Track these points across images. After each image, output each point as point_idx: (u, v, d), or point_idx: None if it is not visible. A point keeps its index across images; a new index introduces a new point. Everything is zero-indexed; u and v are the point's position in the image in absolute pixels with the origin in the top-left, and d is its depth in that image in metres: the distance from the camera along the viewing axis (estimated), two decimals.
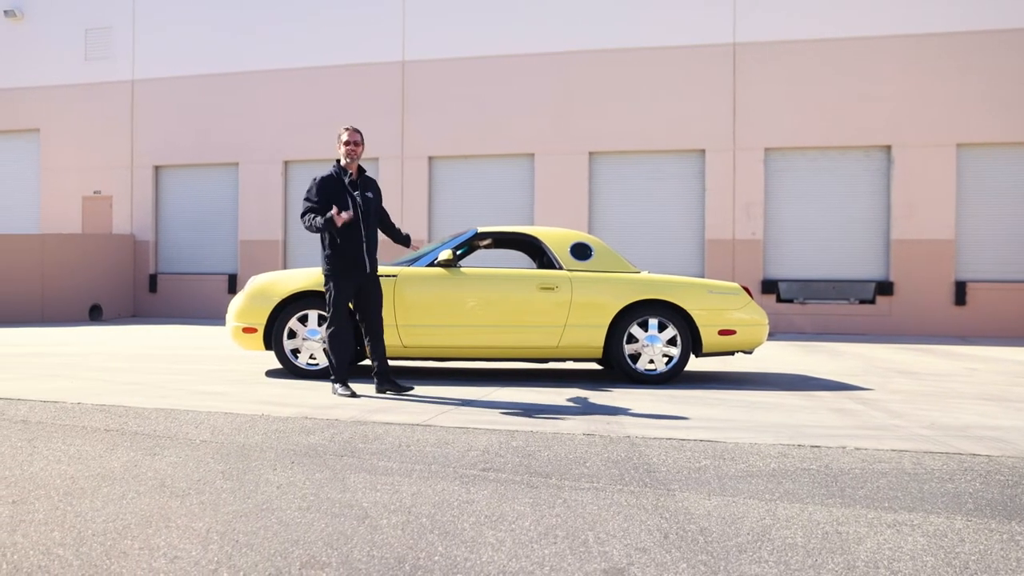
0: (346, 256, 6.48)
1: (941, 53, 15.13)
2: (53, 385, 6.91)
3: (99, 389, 6.73)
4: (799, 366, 9.56)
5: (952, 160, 15.16)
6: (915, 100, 15.23)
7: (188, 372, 8.04)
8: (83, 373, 7.84)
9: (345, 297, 6.54)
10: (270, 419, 5.44)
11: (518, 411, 5.98)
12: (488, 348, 7.67)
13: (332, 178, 6.57)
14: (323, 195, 6.47)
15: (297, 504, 3.59)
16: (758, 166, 15.65)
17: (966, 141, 15.17)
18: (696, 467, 4.35)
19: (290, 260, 17.24)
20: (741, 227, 15.63)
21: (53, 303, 15.88)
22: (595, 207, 16.17)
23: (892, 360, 10.50)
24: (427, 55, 16.70)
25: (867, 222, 15.61)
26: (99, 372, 7.94)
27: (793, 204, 15.74)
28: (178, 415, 5.54)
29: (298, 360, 7.58)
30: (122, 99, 18.02)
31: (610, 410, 6.10)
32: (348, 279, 6.50)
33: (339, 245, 6.45)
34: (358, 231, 6.50)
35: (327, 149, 17.01)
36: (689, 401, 6.63)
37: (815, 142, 15.58)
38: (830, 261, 15.60)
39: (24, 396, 6.24)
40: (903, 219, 15.28)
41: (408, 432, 5.10)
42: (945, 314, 15.15)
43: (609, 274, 7.80)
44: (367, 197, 6.58)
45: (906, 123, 15.24)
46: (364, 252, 6.55)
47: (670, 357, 7.70)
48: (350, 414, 5.67)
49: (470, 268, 7.81)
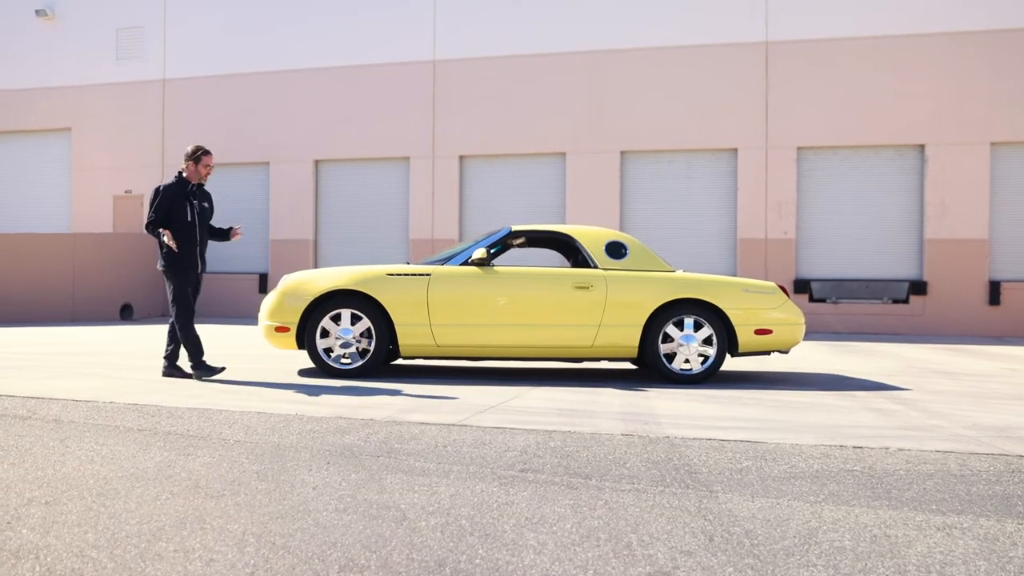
0: (184, 256, 7.33)
1: (975, 51, 14.87)
2: (86, 384, 6.91)
3: (132, 388, 6.72)
4: (834, 366, 9.40)
5: (986, 159, 14.90)
6: (949, 98, 14.97)
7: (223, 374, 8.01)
8: (116, 372, 7.84)
9: (186, 287, 7.38)
10: (304, 419, 5.38)
11: (554, 411, 5.89)
12: (522, 347, 7.59)
13: (174, 188, 7.39)
14: (165, 205, 7.30)
15: (334, 506, 3.53)
16: (790, 165, 15.45)
17: (1000, 140, 14.91)
18: (738, 468, 4.25)
19: (321, 259, 17.26)
20: (773, 226, 15.44)
21: (84, 302, 15.98)
22: (626, 206, 16.03)
23: (928, 360, 10.30)
24: (458, 54, 16.64)
25: (900, 221, 15.37)
26: (132, 371, 7.95)
27: (826, 203, 15.52)
28: (211, 415, 5.50)
29: (331, 359, 7.53)
30: (153, 99, 18.12)
31: (647, 410, 5.99)
32: (186, 274, 7.36)
33: (179, 244, 7.27)
34: (194, 236, 7.39)
35: (358, 148, 17.04)
36: (726, 401, 6.51)
37: (848, 141, 15.36)
38: (863, 260, 15.38)
39: (56, 395, 6.23)
40: (936, 218, 15.03)
41: (444, 432, 5.03)
42: (979, 314, 14.88)
43: (644, 273, 7.69)
44: (204, 207, 7.51)
45: (940, 122, 14.99)
46: (198, 254, 7.44)
47: (705, 357, 7.59)
48: (385, 414, 5.60)
49: (504, 267, 7.73)
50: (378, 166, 17.19)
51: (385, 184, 17.12)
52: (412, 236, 16.77)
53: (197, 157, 7.45)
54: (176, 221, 7.27)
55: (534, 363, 9.11)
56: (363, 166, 17.22)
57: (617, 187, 16.00)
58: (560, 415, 5.72)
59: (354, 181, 17.17)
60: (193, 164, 7.43)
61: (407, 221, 16.92)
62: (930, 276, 15.01)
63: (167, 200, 7.28)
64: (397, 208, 17.01)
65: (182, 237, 7.27)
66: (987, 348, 12.39)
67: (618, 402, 6.37)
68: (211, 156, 7.55)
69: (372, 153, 17.06)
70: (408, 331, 7.48)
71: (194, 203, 7.39)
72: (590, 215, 15.83)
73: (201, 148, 7.50)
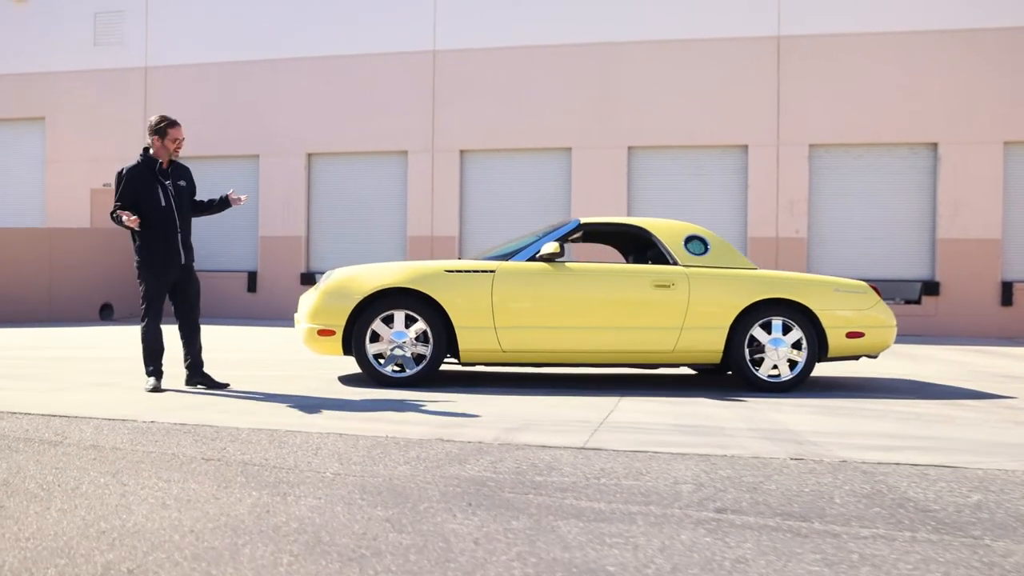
0: (160, 246, 6.04)
1: (988, 49, 14.27)
2: (107, 398, 5.79)
3: (164, 402, 5.62)
4: (888, 370, 8.56)
5: (999, 158, 14.33)
6: (962, 97, 14.35)
7: (249, 379, 6.91)
8: (132, 381, 6.71)
9: (161, 291, 6.13)
10: (400, 442, 4.36)
11: (673, 428, 4.93)
12: (596, 353, 6.63)
13: (140, 168, 6.06)
14: (131, 188, 5.98)
15: (520, 570, 2.56)
16: (802, 162, 14.71)
17: (1013, 139, 14.34)
18: (971, 503, 3.38)
19: (313, 257, 16.09)
20: (785, 225, 14.69)
21: (61, 301, 14.65)
22: (634, 203, 15.15)
23: (978, 364, 9.54)
24: (459, 44, 15.60)
25: (913, 221, 14.73)
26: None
27: (838, 202, 14.82)
28: (283, 438, 4.44)
29: (382, 366, 6.49)
30: (134, 87, 16.75)
31: (777, 425, 5.06)
32: (163, 271, 6.09)
33: (151, 234, 6.00)
34: (172, 222, 6.08)
35: (354, 141, 15.94)
36: (845, 413, 5.61)
37: (860, 138, 14.67)
38: (875, 260, 14.70)
39: (81, 412, 5.12)
40: (949, 218, 14.42)
41: (581, 459, 4.05)
42: (991, 314, 14.29)
43: (728, 270, 6.79)
44: (179, 186, 6.19)
45: (953, 120, 14.37)
46: (179, 242, 6.14)
47: (793, 362, 6.70)
48: (490, 434, 4.60)
49: (575, 263, 6.76)
50: (374, 160, 16.08)
51: (382, 179, 16.01)
52: (410, 233, 15.70)
53: (161, 130, 6.00)
54: (147, 207, 5.96)
55: (569, 369, 8.10)
56: (359, 160, 16.09)
57: (624, 184, 15.11)
58: (686, 432, 4.78)
59: (349, 176, 16.03)
60: (159, 139, 6.00)
61: (405, 218, 15.84)
62: (942, 276, 14.38)
63: (133, 183, 5.94)
64: (394, 204, 15.92)
65: (157, 225, 5.96)
66: (1017, 351, 11.72)
67: (731, 415, 5.44)
68: (180, 128, 6.05)
69: (368, 147, 15.95)
70: (470, 334, 6.48)
71: (167, 184, 6.05)
72: (597, 212, 14.92)
73: (166, 119, 6.04)
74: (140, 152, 6.18)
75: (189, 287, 6.28)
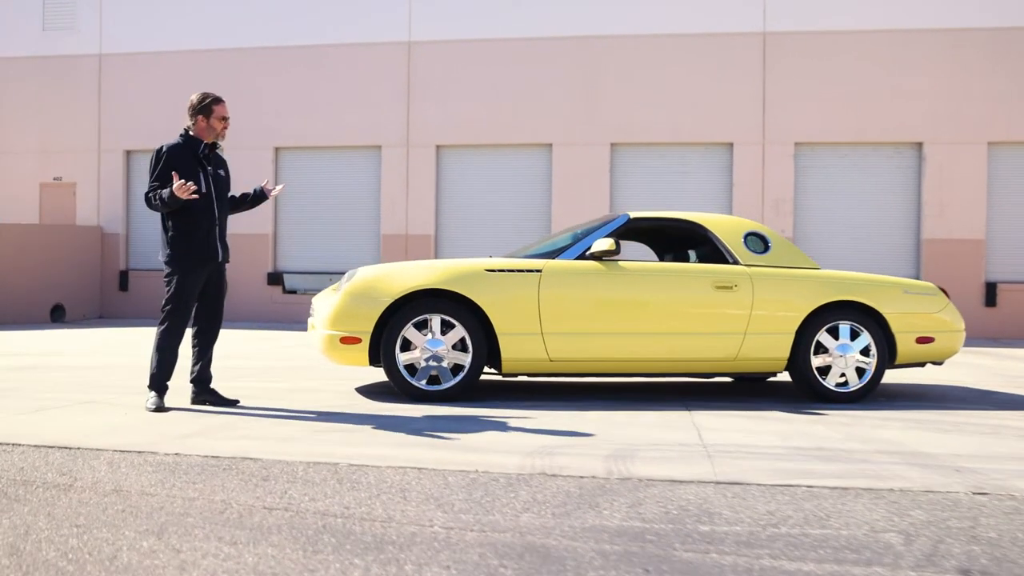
0: (196, 240, 5.14)
1: (974, 48, 13.90)
2: (102, 420, 4.79)
3: (176, 426, 4.65)
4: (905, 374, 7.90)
5: (983, 159, 13.97)
6: (948, 96, 13.96)
7: (255, 393, 5.95)
8: (118, 396, 5.70)
9: (193, 290, 5.17)
10: (498, 479, 3.50)
11: (793, 450, 4.15)
12: (653, 361, 5.85)
13: (181, 148, 5.19)
14: (169, 168, 5.06)
15: None
16: (788, 161, 14.17)
17: (997, 139, 14.00)
18: None
19: (281, 256, 14.98)
20: (770, 224, 14.10)
21: (9, 303, 13.32)
22: (617, 202, 14.41)
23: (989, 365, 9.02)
24: (436, 35, 14.66)
25: (897, 221, 14.30)
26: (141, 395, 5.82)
27: (823, 201, 14.29)
28: (351, 475, 3.55)
29: (415, 378, 5.61)
30: (87, 75, 15.38)
31: (896, 445, 4.33)
32: (199, 266, 5.17)
33: (189, 223, 5.11)
34: (211, 212, 5.21)
35: (324, 135, 14.92)
36: (947, 428, 4.92)
37: (845, 137, 14.17)
38: (860, 260, 14.20)
39: (82, 441, 4.13)
40: (934, 217, 14.01)
41: (731, 497, 3.25)
42: (975, 315, 13.89)
43: (792, 270, 6.08)
44: (219, 175, 5.36)
45: (939, 120, 13.97)
46: (217, 236, 5.26)
47: (860, 370, 6.02)
48: (599, 465, 3.76)
49: (629, 262, 5.97)
50: (346, 155, 15.03)
51: (354, 175, 14.97)
52: (384, 231, 14.71)
53: (206, 107, 5.16)
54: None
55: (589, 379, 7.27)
56: (329, 155, 15.02)
57: (607, 181, 14.37)
58: (811, 458, 4.01)
59: (319, 171, 14.94)
60: (203, 118, 5.16)
61: (378, 215, 14.83)
62: (927, 276, 13.96)
63: (172, 163, 5.04)
64: (367, 201, 14.90)
65: (196, 213, 5.08)
66: (1011, 351, 11.31)
67: (832, 432, 4.69)
68: (225, 104, 5.28)
69: (339, 141, 14.90)
70: (514, 342, 5.63)
71: (208, 169, 5.21)
72: (579, 211, 14.15)
73: (209, 95, 5.22)
74: (180, 133, 5.25)
75: (218, 291, 5.39)
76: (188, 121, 5.24)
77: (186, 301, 5.15)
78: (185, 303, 5.14)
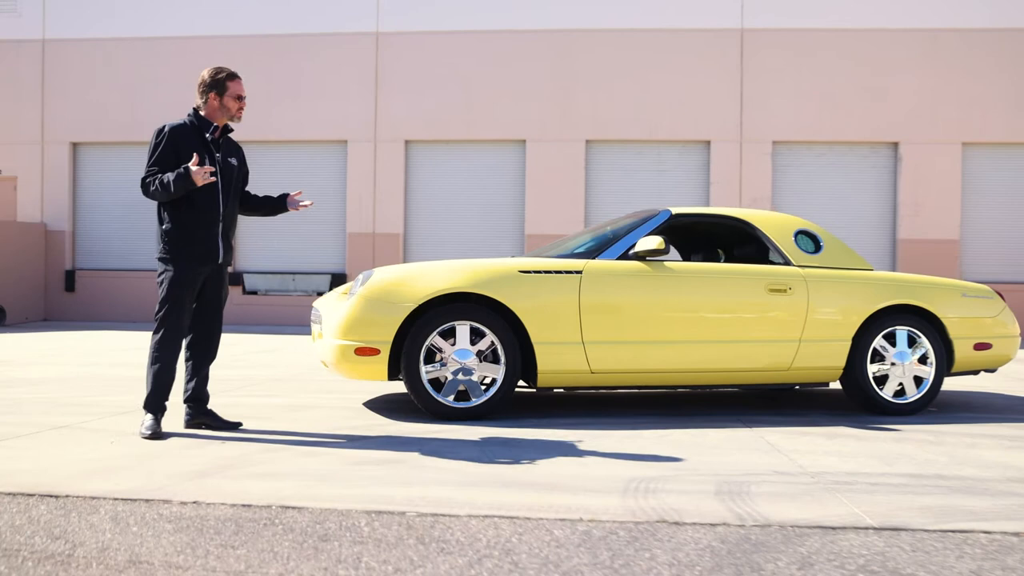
0: (195, 235, 4.35)
1: (952, 50, 13.65)
2: (87, 452, 3.94)
3: (182, 461, 3.83)
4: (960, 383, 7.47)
5: (958, 159, 13.75)
6: (925, 96, 13.69)
7: (255, 412, 5.14)
8: (95, 419, 4.84)
9: (185, 292, 4.35)
10: (615, 531, 2.79)
11: (913, 478, 3.53)
12: (705, 372, 5.21)
13: (187, 129, 4.39)
14: (171, 150, 4.30)
15: None
16: (765, 159, 13.74)
17: (972, 140, 13.79)
18: None
19: (241, 255, 13.97)
20: None
21: None
22: (591, 200, 13.81)
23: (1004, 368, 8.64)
24: (406, 26, 13.84)
25: (874, 221, 14.00)
26: (117, 416, 4.97)
27: (800, 200, 13.90)
28: (429, 532, 2.80)
29: (442, 395, 4.87)
30: (30, 62, 14.13)
31: (1006, 468, 3.77)
32: (194, 266, 4.36)
33: (188, 216, 4.32)
34: (215, 205, 4.40)
35: (287, 129, 14.02)
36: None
37: (823, 136, 13.82)
38: None
39: (70, 487, 3.30)
40: (909, 218, 13.75)
41: (910, 550, 2.60)
42: None
43: (847, 272, 5.51)
44: (229, 163, 4.54)
45: (915, 120, 13.70)
46: (219, 234, 4.44)
47: (917, 379, 5.48)
48: (719, 508, 3.07)
49: (675, 262, 5.31)
50: (310, 150, 14.11)
51: (318, 170, 14.06)
52: (350, 229, 13.84)
53: (219, 82, 4.37)
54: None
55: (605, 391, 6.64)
56: (292, 149, 14.07)
57: (582, 179, 13.75)
58: (941, 489, 3.40)
59: (281, 166, 13.96)
60: (215, 95, 4.37)
61: (344, 213, 13.96)
62: None
63: (175, 144, 4.27)
64: (332, 198, 13.98)
65: (198, 204, 4.29)
66: None
67: (929, 455, 4.09)
68: (240, 82, 4.48)
69: (303, 135, 13.97)
70: (552, 352, 4.93)
71: (216, 156, 4.40)
72: (553, 209, 13.58)
73: (223, 69, 4.42)
74: (188, 113, 4.45)
75: (216, 296, 4.56)
76: (199, 100, 4.42)
77: (180, 303, 4.33)
78: (179, 305, 4.33)
